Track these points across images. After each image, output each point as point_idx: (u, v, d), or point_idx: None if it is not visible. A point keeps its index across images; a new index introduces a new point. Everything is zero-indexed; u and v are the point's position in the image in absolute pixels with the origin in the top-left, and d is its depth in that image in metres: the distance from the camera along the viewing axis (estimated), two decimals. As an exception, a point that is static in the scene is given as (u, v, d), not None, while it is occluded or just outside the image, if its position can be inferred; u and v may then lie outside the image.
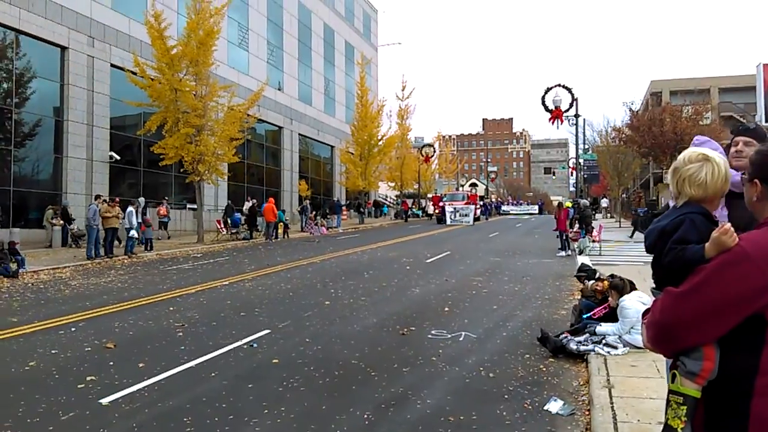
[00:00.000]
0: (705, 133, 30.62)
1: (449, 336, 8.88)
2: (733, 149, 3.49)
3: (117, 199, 21.56)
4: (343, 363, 7.46)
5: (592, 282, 9.45)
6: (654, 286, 2.40)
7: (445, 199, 48.51)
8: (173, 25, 26.15)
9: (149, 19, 24.86)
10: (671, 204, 2.52)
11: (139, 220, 22.11)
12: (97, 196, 20.99)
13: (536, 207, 74.77)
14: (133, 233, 20.71)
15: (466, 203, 45.81)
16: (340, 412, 5.78)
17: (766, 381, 1.95)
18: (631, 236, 27.17)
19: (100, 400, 6.10)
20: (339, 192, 52.16)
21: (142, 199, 24.92)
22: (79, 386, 6.57)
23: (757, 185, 2.12)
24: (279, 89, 43.03)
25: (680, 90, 47.03)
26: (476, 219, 45.87)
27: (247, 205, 30.40)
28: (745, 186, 2.20)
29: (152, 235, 22.82)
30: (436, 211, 48.40)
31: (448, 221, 42.96)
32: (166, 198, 28.66)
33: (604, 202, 59.06)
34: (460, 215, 43.53)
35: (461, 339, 8.73)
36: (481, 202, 56.32)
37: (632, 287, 8.17)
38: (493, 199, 79.58)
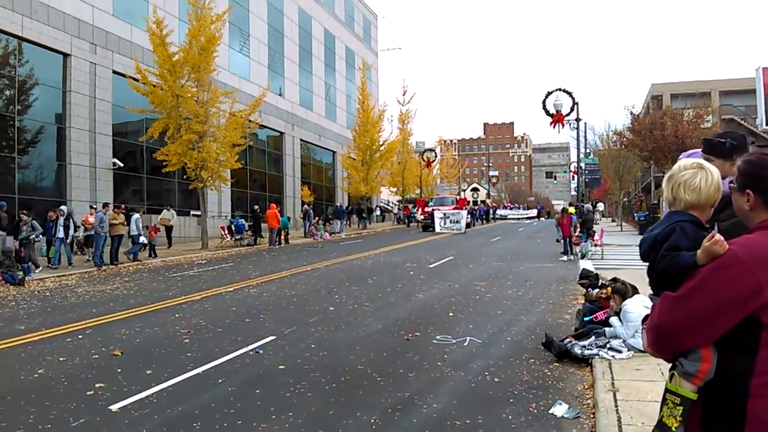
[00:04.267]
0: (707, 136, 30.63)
1: (454, 341, 8.93)
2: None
3: (122, 206, 21.66)
4: (349, 368, 7.51)
5: (596, 291, 9.49)
6: (652, 292, 2.48)
7: (431, 203, 45.16)
8: (175, 32, 26.27)
9: (151, 25, 25.01)
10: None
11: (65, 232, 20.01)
12: (105, 204, 21.10)
13: (534, 211, 74.29)
14: (143, 239, 20.86)
15: (454, 208, 42.02)
16: (347, 417, 5.83)
17: (762, 381, 2.01)
18: None
19: (110, 407, 6.16)
20: (341, 197, 52.24)
21: (64, 208, 20.30)
22: (88, 393, 6.63)
23: (750, 195, 2.19)
24: (280, 95, 43.17)
25: (681, 93, 47.08)
26: (467, 226, 41.27)
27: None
28: (734, 195, 2.28)
29: (157, 242, 22.89)
30: (422, 217, 43.81)
31: (438, 229, 38.72)
32: (94, 206, 22.46)
33: (600, 207, 59.46)
34: (450, 222, 39.15)
35: (466, 344, 8.78)
36: (470, 207, 52.79)
37: (634, 291, 8.22)
38: (489, 203, 78.11)
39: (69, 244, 19.78)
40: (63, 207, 19.90)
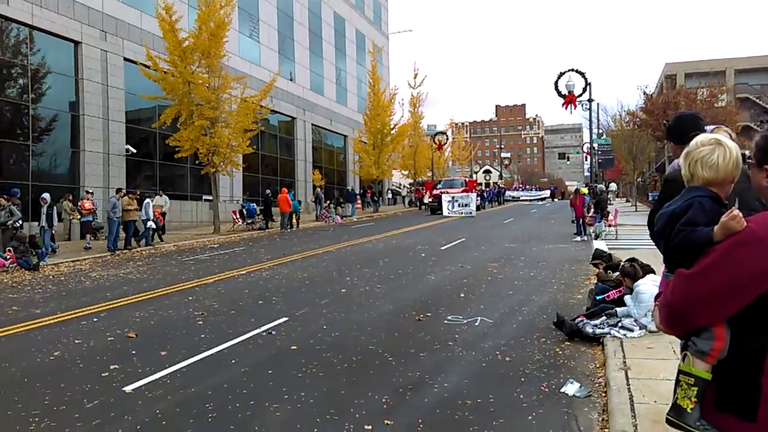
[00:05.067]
0: (720, 116, 30.28)
1: (465, 321, 8.94)
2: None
3: (138, 192, 21.71)
4: (360, 349, 7.54)
5: (616, 274, 9.38)
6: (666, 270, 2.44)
7: (440, 186, 43.47)
8: (184, 18, 26.20)
9: (160, 12, 24.95)
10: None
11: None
12: (118, 190, 21.16)
13: (547, 192, 73.78)
14: (151, 224, 20.92)
15: (463, 190, 40.64)
16: (359, 397, 5.86)
17: (777, 360, 1.99)
18: None
19: (124, 388, 6.24)
20: (353, 181, 52.23)
21: (47, 196, 19.19)
22: (103, 375, 6.71)
23: (767, 171, 2.14)
24: (291, 80, 43.07)
25: (695, 72, 46.57)
26: (477, 208, 39.97)
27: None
28: (752, 171, 2.23)
29: (162, 227, 23.15)
30: (430, 200, 42.50)
31: (446, 212, 37.53)
32: (89, 191, 22.84)
33: (613, 186, 59.13)
34: (459, 205, 37.86)
35: (477, 324, 8.78)
36: (480, 189, 51.31)
37: (646, 272, 8.17)
38: (499, 184, 77.28)
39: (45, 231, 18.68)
40: (45, 195, 18.75)
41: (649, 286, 7.69)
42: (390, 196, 58.08)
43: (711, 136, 2.33)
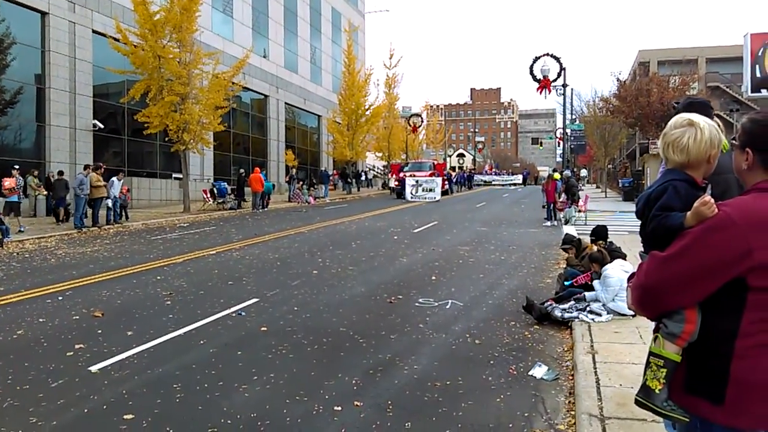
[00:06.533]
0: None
1: (436, 304, 8.97)
2: None
3: (102, 168, 21.10)
4: (331, 330, 7.52)
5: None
6: (642, 249, 2.45)
7: (406, 169, 41.32)
8: (156, -10, 25.64)
9: (131, -17, 24.35)
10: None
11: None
12: (86, 166, 20.67)
13: (519, 177, 73.55)
14: (108, 202, 20.41)
15: (430, 174, 38.56)
16: (329, 378, 5.85)
17: (746, 343, 2.01)
18: None
19: (90, 368, 6.13)
20: (326, 162, 51.93)
21: None
22: (68, 354, 6.59)
23: (749, 153, 2.15)
24: (264, 57, 42.49)
25: (668, 60, 46.97)
26: (444, 193, 38.83)
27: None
28: (734, 152, 2.23)
29: (127, 204, 22.76)
30: (396, 183, 40.81)
31: (409, 197, 35.49)
32: (16, 167, 20.39)
33: (583, 173, 59.89)
34: (423, 190, 35.88)
35: (448, 307, 8.82)
36: (447, 172, 49.92)
37: (614, 257, 8.27)
38: (469, 168, 76.81)
39: None
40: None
41: (617, 271, 7.78)
42: (363, 178, 57.94)
43: (686, 117, 2.31)
